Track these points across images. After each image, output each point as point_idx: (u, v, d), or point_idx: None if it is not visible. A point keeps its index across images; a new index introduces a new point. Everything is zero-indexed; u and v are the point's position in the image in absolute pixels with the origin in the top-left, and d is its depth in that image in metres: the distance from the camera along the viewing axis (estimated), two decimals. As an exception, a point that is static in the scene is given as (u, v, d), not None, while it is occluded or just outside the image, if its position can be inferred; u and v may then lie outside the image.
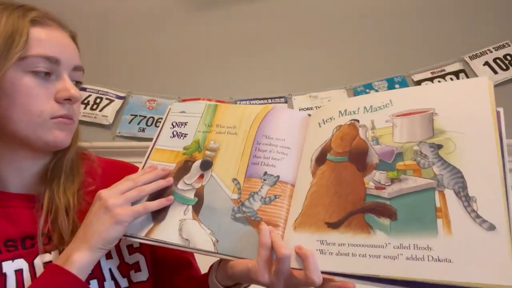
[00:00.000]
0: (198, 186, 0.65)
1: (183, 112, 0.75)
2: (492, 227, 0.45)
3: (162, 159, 0.70)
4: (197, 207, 0.63)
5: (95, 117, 1.79)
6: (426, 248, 0.48)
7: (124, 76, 1.88)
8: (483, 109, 0.52)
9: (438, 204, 0.49)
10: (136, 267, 0.68)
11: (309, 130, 0.68)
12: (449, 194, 0.49)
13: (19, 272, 0.57)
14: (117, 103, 1.83)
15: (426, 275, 0.46)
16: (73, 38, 0.67)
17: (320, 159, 0.62)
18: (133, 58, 1.90)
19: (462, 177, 0.50)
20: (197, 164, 0.67)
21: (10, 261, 0.58)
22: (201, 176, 0.66)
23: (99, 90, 1.84)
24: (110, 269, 0.64)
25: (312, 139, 0.66)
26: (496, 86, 1.79)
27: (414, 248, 0.48)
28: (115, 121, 1.81)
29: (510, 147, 1.60)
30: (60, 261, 0.56)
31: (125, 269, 0.67)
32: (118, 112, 1.82)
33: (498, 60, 1.77)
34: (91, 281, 0.61)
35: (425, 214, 0.49)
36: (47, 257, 0.60)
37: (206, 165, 0.67)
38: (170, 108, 0.77)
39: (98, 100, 1.82)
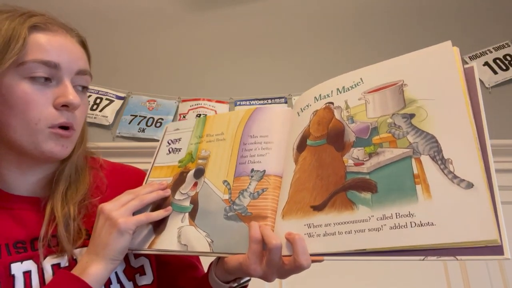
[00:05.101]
0: (192, 194, 0.68)
1: (177, 129, 0.79)
2: (470, 185, 0.45)
3: (160, 175, 0.74)
4: (193, 213, 0.66)
5: (95, 118, 1.78)
6: (408, 215, 0.47)
7: (124, 76, 1.88)
8: (449, 72, 0.53)
9: (415, 171, 0.49)
10: (141, 271, 0.69)
11: (292, 121, 0.68)
12: (425, 159, 0.49)
13: (27, 274, 0.58)
14: (117, 103, 1.83)
15: (411, 242, 0.46)
16: (82, 43, 0.66)
17: (301, 146, 0.63)
18: (133, 58, 1.90)
19: (436, 141, 0.49)
20: (191, 173, 0.71)
21: (19, 263, 0.59)
22: (195, 184, 0.69)
23: (99, 91, 1.84)
24: (116, 273, 0.65)
25: (293, 129, 0.66)
26: (496, 86, 1.77)
27: (396, 217, 0.48)
28: (115, 121, 1.80)
29: (509, 147, 1.58)
30: (76, 273, 0.57)
31: (131, 272, 0.68)
32: (118, 113, 1.82)
33: (498, 60, 1.78)
34: None
35: (404, 182, 0.49)
36: (56, 259, 0.61)
37: (199, 173, 0.70)
38: (166, 128, 0.82)
39: (98, 101, 1.82)
